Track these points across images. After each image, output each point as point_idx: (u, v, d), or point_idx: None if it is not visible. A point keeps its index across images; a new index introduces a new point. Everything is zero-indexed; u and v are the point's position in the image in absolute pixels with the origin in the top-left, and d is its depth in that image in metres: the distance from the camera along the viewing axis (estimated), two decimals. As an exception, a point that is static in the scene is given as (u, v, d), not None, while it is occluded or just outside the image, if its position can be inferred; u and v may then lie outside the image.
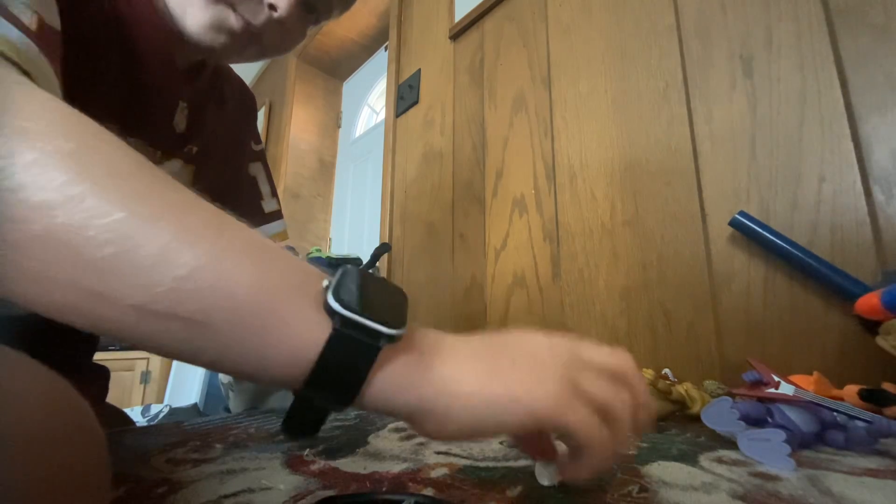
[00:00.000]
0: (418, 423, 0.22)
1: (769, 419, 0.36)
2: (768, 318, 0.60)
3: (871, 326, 0.50)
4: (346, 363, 0.20)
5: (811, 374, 0.48)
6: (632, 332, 0.74)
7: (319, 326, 0.20)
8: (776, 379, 0.40)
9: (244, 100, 0.65)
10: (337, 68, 2.42)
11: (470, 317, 1.05)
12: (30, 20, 0.27)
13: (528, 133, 0.99)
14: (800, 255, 0.55)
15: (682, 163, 0.71)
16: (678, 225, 0.71)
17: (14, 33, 0.25)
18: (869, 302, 0.48)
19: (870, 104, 0.55)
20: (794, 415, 0.36)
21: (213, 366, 0.20)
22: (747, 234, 0.60)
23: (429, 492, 0.26)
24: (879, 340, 0.47)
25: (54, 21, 0.31)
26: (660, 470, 0.31)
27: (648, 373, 0.45)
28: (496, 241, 1.02)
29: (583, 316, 0.82)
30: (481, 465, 0.32)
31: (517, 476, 0.29)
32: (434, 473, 0.30)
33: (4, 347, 0.17)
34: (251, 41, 0.47)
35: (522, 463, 0.32)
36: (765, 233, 0.58)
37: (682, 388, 0.46)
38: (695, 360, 0.66)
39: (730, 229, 0.63)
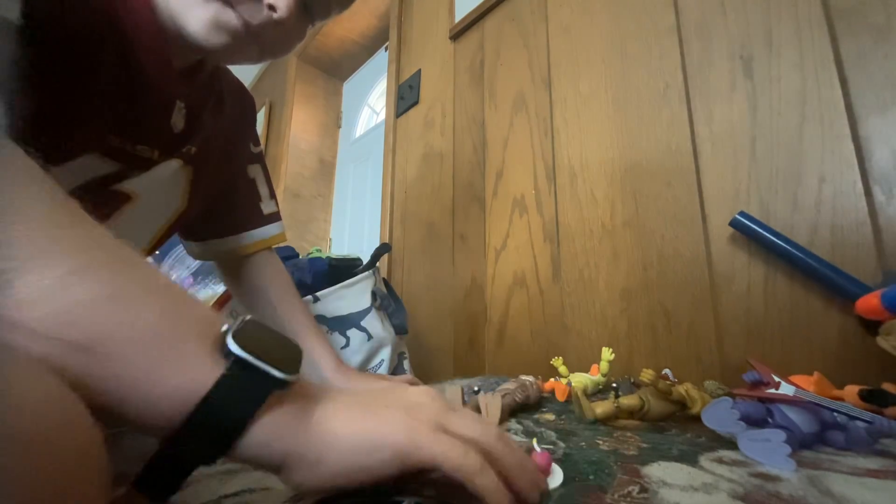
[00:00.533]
0: (290, 470, 0.21)
1: (769, 419, 0.36)
2: (769, 318, 0.60)
3: (871, 327, 0.50)
4: (231, 404, 0.20)
5: (812, 374, 0.48)
6: (632, 333, 0.74)
7: (211, 368, 0.20)
8: (776, 379, 0.40)
9: (243, 102, 0.65)
10: (337, 68, 2.43)
11: (470, 317, 1.05)
12: None
13: (528, 133, 0.99)
14: (800, 255, 0.55)
15: (682, 163, 0.71)
16: (678, 225, 0.71)
17: None
18: (869, 302, 0.48)
19: (870, 104, 0.55)
20: (794, 415, 0.36)
21: (90, 399, 0.18)
22: (748, 234, 0.60)
23: (429, 492, 0.26)
24: (880, 341, 0.47)
25: (9, 11, 0.29)
26: (660, 470, 0.31)
27: (648, 373, 0.44)
28: (496, 242, 1.02)
29: (583, 316, 0.82)
30: (481, 465, 0.32)
31: (517, 476, 0.29)
32: (434, 474, 0.30)
33: (4, 346, 0.17)
34: (252, 41, 0.46)
35: (522, 463, 0.32)
36: (765, 233, 0.58)
37: (682, 389, 0.46)
38: (695, 360, 0.66)
39: (730, 230, 0.63)
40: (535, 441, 0.32)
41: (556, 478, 0.28)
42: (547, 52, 0.99)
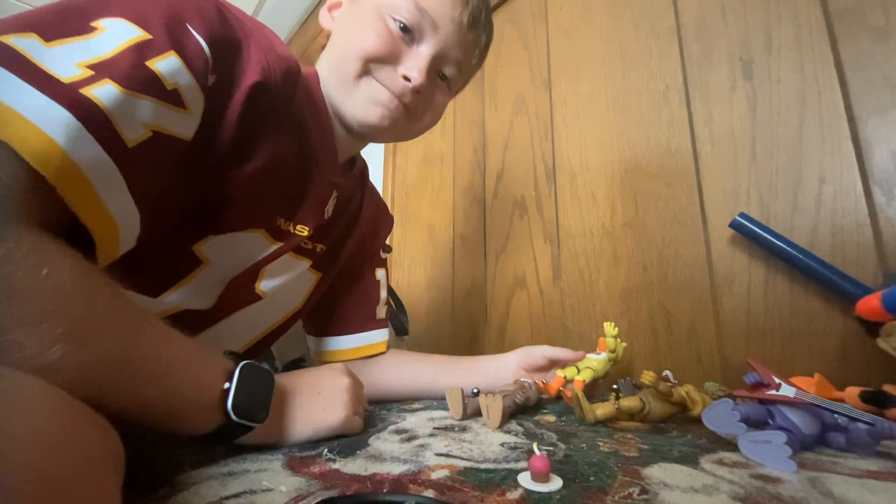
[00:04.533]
0: (270, 442, 0.36)
1: (770, 421, 0.36)
2: (769, 319, 0.60)
3: (871, 328, 0.50)
4: (229, 435, 0.33)
5: (812, 375, 0.48)
6: (632, 334, 0.74)
7: (216, 419, 0.32)
8: (777, 381, 0.40)
9: (381, 217, 0.70)
10: (338, 70, 2.42)
11: (470, 318, 1.05)
12: (136, 135, 0.29)
13: (528, 135, 1.00)
14: (800, 256, 0.55)
15: (682, 164, 0.72)
16: (679, 226, 0.71)
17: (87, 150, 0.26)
18: (869, 303, 0.48)
19: (870, 106, 0.55)
20: (795, 416, 0.36)
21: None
22: (748, 235, 0.60)
23: (429, 493, 0.26)
24: (880, 342, 0.47)
25: (183, 130, 0.35)
26: (661, 472, 0.31)
27: (649, 375, 0.44)
28: (496, 243, 1.02)
29: (583, 317, 0.82)
30: (482, 467, 0.32)
31: (518, 478, 0.29)
32: (434, 475, 0.30)
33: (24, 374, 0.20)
34: (401, 114, 0.51)
35: (523, 465, 0.32)
36: (765, 234, 0.58)
37: (682, 391, 0.46)
38: (696, 361, 0.66)
39: (730, 231, 0.63)
40: (535, 445, 0.32)
41: (555, 483, 0.28)
42: (547, 54, 0.99)
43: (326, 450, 0.36)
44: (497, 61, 1.12)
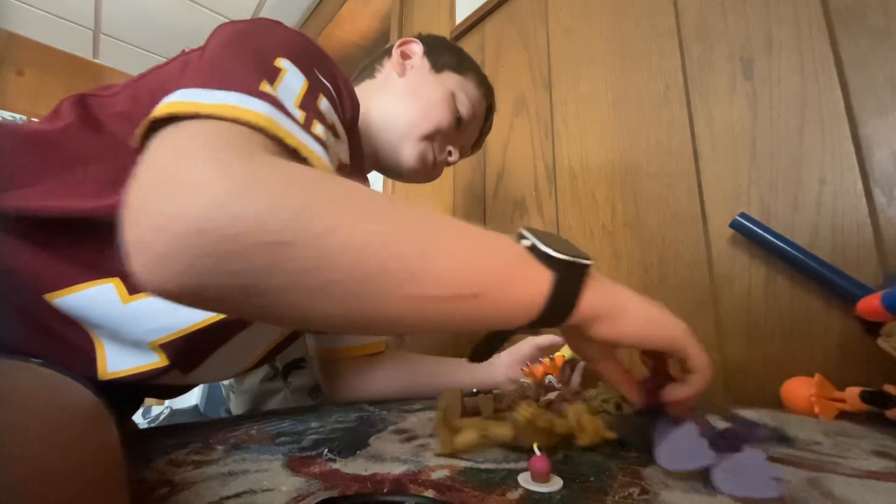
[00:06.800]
0: (594, 326, 0.30)
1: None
2: (769, 319, 0.60)
3: (872, 328, 0.50)
4: (567, 294, 0.28)
5: (812, 376, 0.48)
6: (633, 334, 0.74)
7: (543, 275, 0.27)
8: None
9: None
10: (338, 70, 2.42)
11: (471, 318, 1.05)
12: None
13: (528, 135, 1.00)
14: (801, 256, 0.55)
15: (682, 164, 0.72)
16: (679, 227, 0.71)
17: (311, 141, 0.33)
18: (870, 303, 0.48)
19: (870, 106, 0.55)
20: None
21: (474, 323, 0.27)
22: (748, 235, 0.60)
23: (429, 493, 0.26)
24: (881, 342, 0.47)
25: (345, 157, 0.47)
26: (661, 472, 0.31)
27: (526, 412, 0.34)
28: (497, 243, 1.02)
29: (584, 317, 0.81)
30: (482, 467, 0.32)
31: (518, 479, 0.29)
32: (435, 475, 0.30)
33: (35, 362, 0.21)
34: (432, 175, 0.67)
35: (523, 465, 0.32)
36: (765, 234, 0.58)
37: (571, 414, 0.37)
38: (696, 361, 0.66)
39: (730, 231, 0.63)
40: (535, 445, 0.32)
41: (555, 483, 0.28)
42: (547, 54, 0.99)
43: (326, 450, 0.36)
44: (497, 61, 1.12)
